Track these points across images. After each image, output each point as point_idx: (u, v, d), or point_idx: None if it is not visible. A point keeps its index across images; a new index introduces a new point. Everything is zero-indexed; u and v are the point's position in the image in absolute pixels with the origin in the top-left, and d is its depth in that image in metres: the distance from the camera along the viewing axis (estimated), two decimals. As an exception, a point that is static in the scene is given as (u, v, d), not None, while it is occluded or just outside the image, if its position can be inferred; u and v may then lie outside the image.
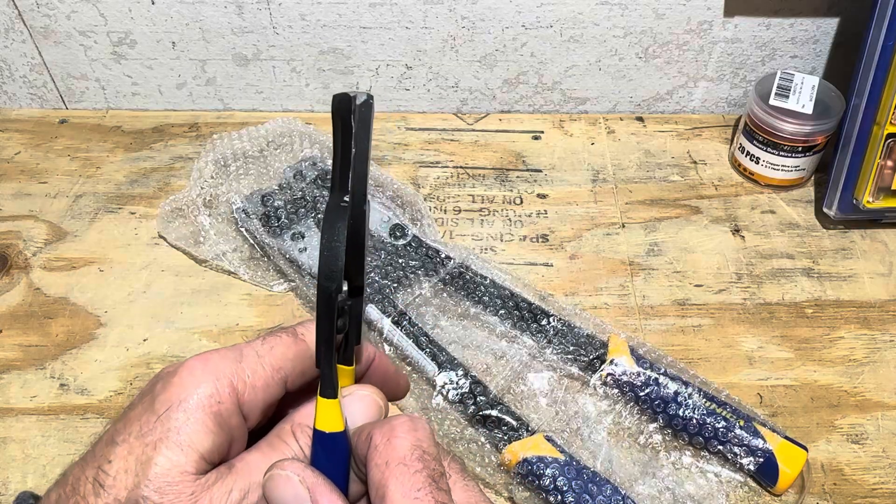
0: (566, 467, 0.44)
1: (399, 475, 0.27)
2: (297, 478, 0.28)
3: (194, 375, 0.29)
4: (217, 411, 0.28)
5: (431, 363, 0.50)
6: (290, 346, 0.31)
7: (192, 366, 0.29)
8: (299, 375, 0.31)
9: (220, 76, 0.70)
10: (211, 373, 0.29)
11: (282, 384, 0.31)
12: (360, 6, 0.65)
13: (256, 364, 0.30)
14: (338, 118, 0.27)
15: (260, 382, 0.30)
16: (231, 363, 0.30)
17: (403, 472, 0.27)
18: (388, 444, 0.28)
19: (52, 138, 0.69)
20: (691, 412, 0.47)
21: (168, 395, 0.28)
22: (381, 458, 0.27)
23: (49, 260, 0.59)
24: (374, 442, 0.28)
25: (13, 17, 0.66)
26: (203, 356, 0.30)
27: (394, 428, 0.28)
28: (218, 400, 0.28)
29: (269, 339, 0.31)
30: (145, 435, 0.28)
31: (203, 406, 0.28)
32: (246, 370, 0.30)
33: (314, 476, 0.28)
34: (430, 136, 0.70)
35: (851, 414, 0.51)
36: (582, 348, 0.51)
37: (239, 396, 0.29)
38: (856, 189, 0.60)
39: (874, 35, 0.56)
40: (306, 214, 0.59)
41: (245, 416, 0.30)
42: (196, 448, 0.28)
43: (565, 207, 0.64)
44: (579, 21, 0.66)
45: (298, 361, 0.31)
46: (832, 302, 0.57)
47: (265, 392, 0.30)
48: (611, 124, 0.72)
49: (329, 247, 0.26)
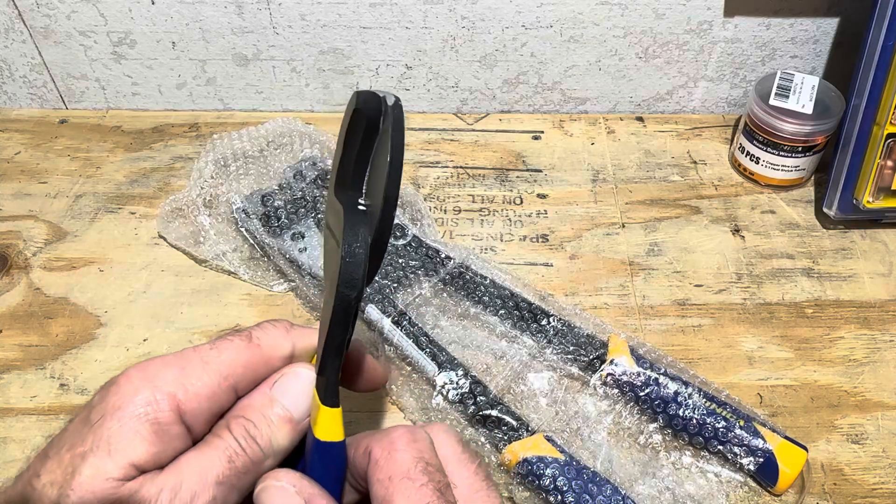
0: (566, 467, 0.44)
1: (404, 490, 0.26)
2: (294, 488, 0.27)
3: (132, 384, 0.28)
4: (154, 420, 0.27)
5: (431, 363, 0.50)
6: (242, 351, 0.30)
7: (130, 374, 0.28)
8: (251, 382, 0.30)
9: (220, 76, 0.70)
10: (149, 381, 0.28)
11: (230, 392, 0.29)
12: (360, 6, 0.65)
13: (202, 371, 0.29)
14: (363, 116, 0.26)
15: (204, 391, 0.29)
16: (173, 371, 0.28)
17: (408, 486, 0.26)
18: (389, 458, 0.27)
19: (52, 138, 0.69)
20: (691, 412, 0.47)
21: (103, 406, 0.28)
22: (383, 474, 0.27)
23: (49, 260, 0.59)
24: (375, 456, 0.27)
25: (13, 17, 0.66)
26: (143, 364, 0.29)
27: (393, 441, 0.28)
28: (155, 409, 0.27)
29: (218, 343, 0.30)
30: (75, 446, 0.27)
31: (138, 415, 0.27)
32: (189, 378, 0.28)
33: (311, 486, 0.27)
34: (430, 136, 0.70)
35: (851, 414, 0.51)
36: (582, 348, 0.51)
37: (180, 405, 0.28)
38: (856, 189, 0.60)
39: (874, 35, 0.56)
40: (306, 214, 0.59)
41: (188, 426, 0.28)
42: (126, 455, 0.27)
43: (565, 207, 0.64)
44: (579, 21, 0.66)
45: (250, 368, 0.30)
46: (832, 302, 0.57)
47: (210, 401, 0.29)
48: (611, 124, 0.72)
49: (352, 252, 0.26)
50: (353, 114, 0.26)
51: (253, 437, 0.29)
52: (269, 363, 0.30)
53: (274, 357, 0.31)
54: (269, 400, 0.29)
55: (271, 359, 0.30)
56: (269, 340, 0.30)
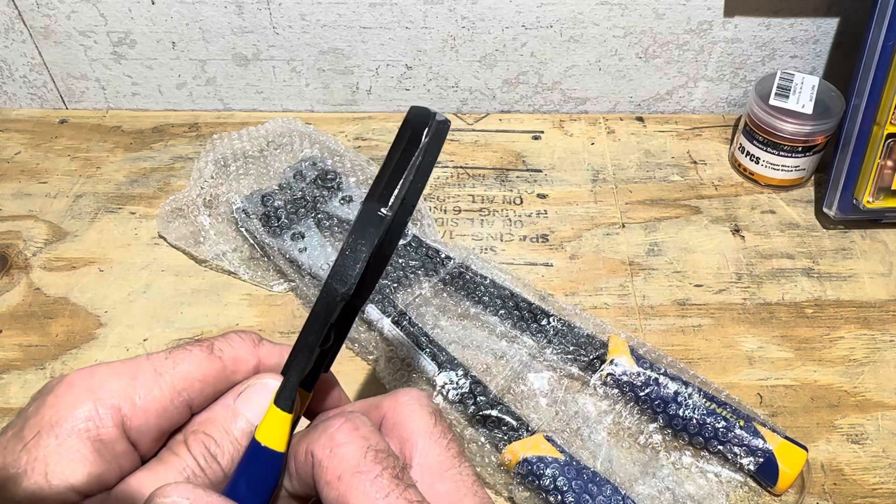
0: (566, 467, 0.44)
1: (358, 486, 0.24)
2: (188, 502, 0.23)
3: (72, 394, 0.25)
4: (96, 437, 0.24)
5: (431, 363, 0.50)
6: (201, 363, 0.27)
7: (71, 382, 0.25)
8: (209, 399, 0.27)
9: (220, 76, 0.70)
10: (92, 392, 0.25)
11: (184, 408, 0.26)
12: (360, 6, 0.65)
13: (153, 384, 0.26)
14: (408, 128, 0.25)
15: (155, 406, 0.26)
16: (121, 381, 0.25)
17: (362, 481, 0.24)
18: (332, 455, 0.24)
19: (52, 138, 0.69)
20: (691, 412, 0.47)
21: (39, 419, 0.24)
22: (331, 474, 0.24)
23: (49, 260, 0.59)
24: (318, 458, 0.25)
25: (13, 17, 0.66)
26: (88, 370, 0.26)
27: (332, 436, 0.25)
28: (97, 424, 0.24)
29: (175, 353, 0.27)
30: (8, 467, 0.24)
31: (78, 431, 0.24)
32: (138, 390, 0.25)
33: (209, 496, 0.24)
34: (430, 136, 0.70)
35: (851, 414, 0.51)
36: (582, 348, 0.51)
37: (125, 420, 0.25)
38: (856, 189, 0.60)
39: (874, 35, 0.56)
40: (306, 214, 0.59)
41: (133, 443, 0.25)
42: (66, 480, 0.24)
43: (565, 207, 0.64)
44: (579, 21, 0.66)
45: (210, 384, 0.27)
46: (832, 302, 0.57)
47: (160, 417, 0.26)
48: (611, 124, 0.72)
49: (353, 248, 0.25)
50: (403, 124, 0.26)
51: (214, 455, 0.26)
52: (231, 379, 0.28)
53: (237, 372, 0.28)
54: (233, 413, 0.27)
55: (233, 374, 0.28)
56: (232, 354, 0.28)
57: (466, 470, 0.27)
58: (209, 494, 0.24)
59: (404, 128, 0.26)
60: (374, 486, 0.24)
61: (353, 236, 0.25)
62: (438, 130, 0.26)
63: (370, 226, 0.25)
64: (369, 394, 0.51)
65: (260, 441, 0.25)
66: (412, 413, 0.28)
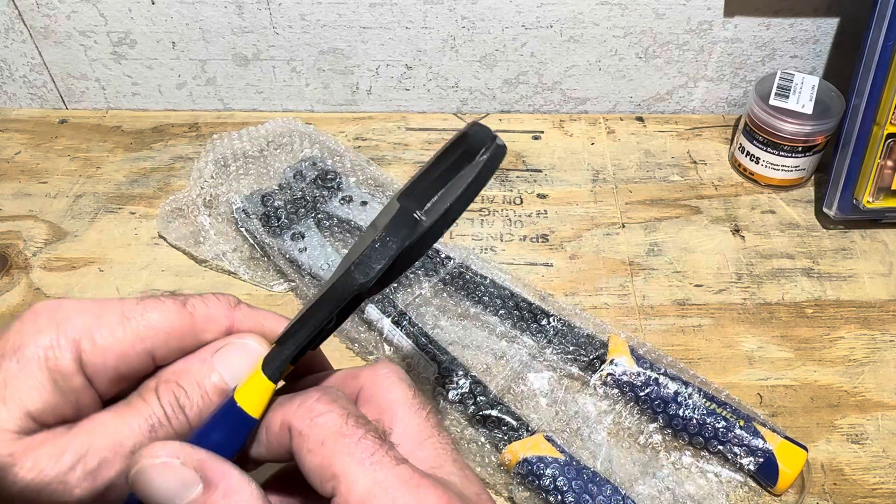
0: (566, 467, 0.44)
1: (344, 448, 0.24)
2: (178, 461, 0.23)
3: (36, 323, 0.25)
4: (54, 367, 0.24)
5: (431, 363, 0.50)
6: (170, 315, 0.26)
7: (37, 311, 0.25)
8: (173, 353, 0.27)
9: (220, 76, 0.70)
10: (56, 323, 0.25)
11: (146, 355, 0.26)
12: (360, 6, 0.65)
13: (117, 326, 0.25)
14: (464, 143, 0.25)
15: (115, 347, 0.25)
16: (86, 317, 0.25)
17: (347, 443, 0.24)
18: (314, 424, 0.24)
19: (52, 138, 0.69)
20: (691, 412, 0.47)
21: (3, 343, 0.25)
22: (312, 442, 0.24)
23: (49, 260, 0.59)
24: (297, 428, 0.25)
25: (13, 17, 0.66)
26: (56, 302, 0.26)
27: (311, 408, 0.25)
28: (55, 355, 0.24)
29: (147, 301, 0.26)
30: None
31: (38, 359, 0.24)
32: (102, 329, 0.25)
33: (196, 451, 0.24)
34: (430, 136, 0.70)
35: (851, 414, 0.51)
36: (582, 348, 0.51)
37: (83, 356, 0.25)
38: (856, 189, 0.60)
39: (874, 35, 0.56)
40: (306, 214, 0.59)
41: (90, 380, 0.25)
42: (22, 404, 0.24)
43: (565, 207, 0.64)
44: (579, 21, 0.66)
45: (175, 337, 0.26)
46: (832, 302, 0.57)
47: (119, 359, 0.25)
48: (611, 124, 0.72)
49: (384, 242, 0.24)
50: (459, 136, 0.26)
51: (182, 406, 0.25)
52: (199, 337, 0.27)
53: (206, 331, 0.27)
54: (208, 368, 0.26)
55: (203, 332, 0.27)
56: (205, 312, 0.27)
57: (446, 439, 0.27)
58: (197, 451, 0.23)
59: (459, 141, 0.26)
60: (360, 447, 0.24)
61: (386, 232, 0.25)
62: (495, 154, 0.25)
63: (405, 227, 0.25)
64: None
65: (238, 403, 0.25)
66: (391, 385, 0.28)
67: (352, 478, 0.23)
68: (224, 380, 0.26)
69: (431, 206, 0.25)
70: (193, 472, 0.23)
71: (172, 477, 0.23)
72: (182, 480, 0.23)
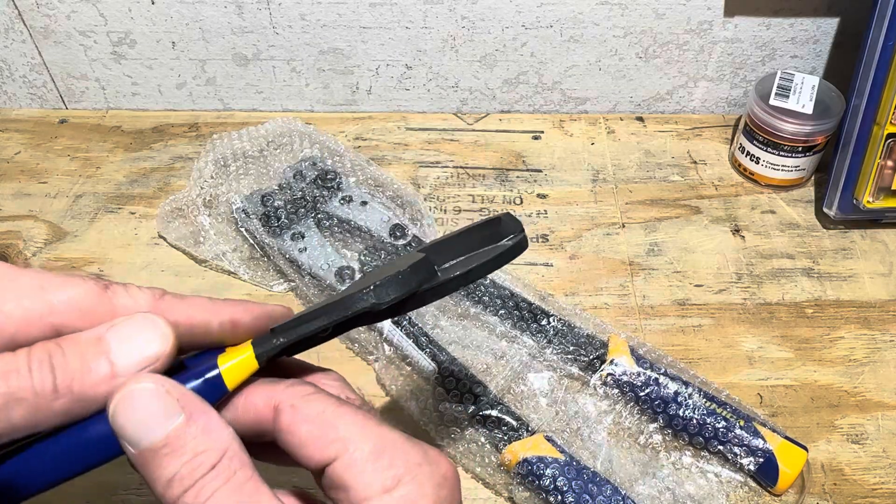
0: (566, 467, 0.44)
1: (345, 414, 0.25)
2: (164, 388, 0.23)
3: None
4: None
5: (431, 363, 0.50)
6: (88, 295, 0.25)
7: None
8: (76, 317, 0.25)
9: (220, 76, 0.70)
10: None
11: (51, 329, 0.25)
12: (360, 6, 0.65)
13: (28, 294, 0.24)
14: (496, 226, 0.28)
15: (17, 314, 0.24)
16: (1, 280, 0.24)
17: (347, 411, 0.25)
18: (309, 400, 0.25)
19: (52, 138, 0.69)
20: (691, 412, 0.47)
21: None
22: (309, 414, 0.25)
23: (49, 260, 0.59)
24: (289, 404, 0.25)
25: (13, 17, 0.66)
26: None
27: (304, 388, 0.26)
28: None
29: (68, 278, 0.25)
30: None
31: None
32: (10, 293, 0.24)
33: (181, 387, 0.23)
34: (430, 136, 0.70)
35: (851, 414, 0.51)
36: (582, 348, 0.51)
37: None
38: (856, 189, 0.60)
39: (874, 35, 0.56)
40: (306, 214, 0.59)
41: None
42: None
43: (565, 207, 0.64)
44: (579, 21, 0.66)
45: (88, 317, 0.25)
46: (832, 302, 0.57)
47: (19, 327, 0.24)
48: (611, 124, 0.72)
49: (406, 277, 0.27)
50: (493, 219, 0.29)
51: (53, 366, 0.23)
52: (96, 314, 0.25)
53: None
54: (97, 339, 0.24)
55: None
56: (125, 301, 0.26)
57: None
58: (181, 386, 0.24)
59: (492, 222, 0.29)
60: (360, 414, 0.25)
61: (409, 270, 0.27)
62: (518, 243, 0.28)
63: (425, 272, 0.27)
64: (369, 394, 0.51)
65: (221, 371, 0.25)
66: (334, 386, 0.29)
67: (358, 438, 0.24)
68: (113, 353, 0.24)
69: (449, 267, 0.28)
70: (177, 403, 0.23)
71: (158, 404, 0.23)
72: (166, 408, 0.23)
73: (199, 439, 0.23)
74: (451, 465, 0.26)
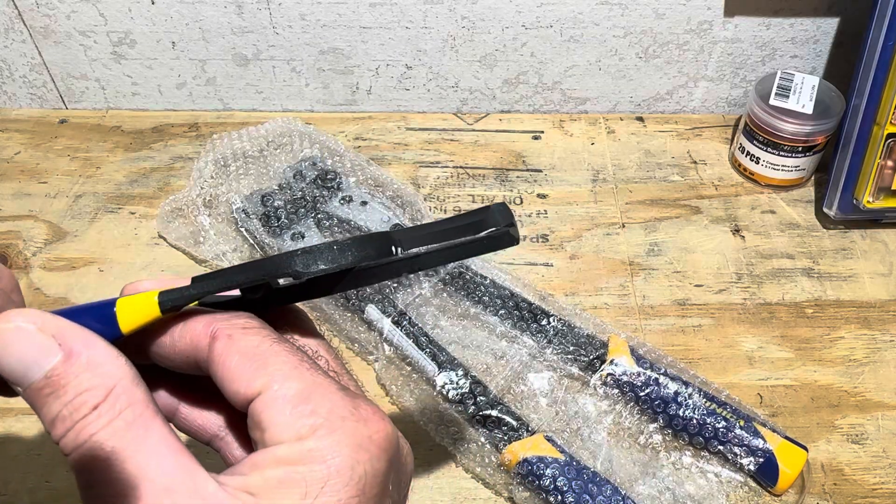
0: (566, 467, 0.44)
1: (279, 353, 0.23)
2: (34, 326, 0.21)
3: None
4: None
5: (431, 363, 0.50)
6: None
7: None
8: None
9: (220, 76, 0.70)
10: None
11: None
12: (360, 6, 0.65)
13: None
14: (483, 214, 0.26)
15: None
16: None
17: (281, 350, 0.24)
18: (246, 332, 0.24)
19: (52, 138, 0.69)
20: (691, 412, 0.47)
21: None
22: (243, 346, 0.23)
23: (49, 260, 0.59)
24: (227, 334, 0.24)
25: (13, 17, 0.66)
26: None
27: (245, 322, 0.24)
28: None
29: None
30: None
31: None
32: None
33: (56, 319, 0.22)
34: (430, 136, 0.70)
35: (851, 414, 0.51)
36: (582, 348, 0.51)
37: None
38: (856, 189, 0.60)
39: (874, 35, 0.56)
40: (306, 214, 0.59)
41: None
42: None
43: (565, 207, 0.64)
44: (579, 21, 0.66)
45: None
46: (832, 302, 0.57)
47: None
48: (611, 124, 0.72)
49: (342, 250, 0.24)
50: (482, 208, 0.26)
51: None
52: None
53: None
54: None
55: None
56: None
57: None
58: (57, 319, 0.22)
59: (480, 211, 0.26)
60: (296, 355, 0.23)
61: (352, 242, 0.24)
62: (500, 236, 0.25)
63: (372, 248, 0.24)
64: (369, 394, 0.51)
65: (116, 310, 0.24)
66: None
67: (286, 377, 0.23)
68: None
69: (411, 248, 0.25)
70: (52, 340, 0.21)
71: (28, 343, 0.21)
72: (39, 347, 0.21)
73: (81, 377, 0.21)
74: (386, 429, 0.23)
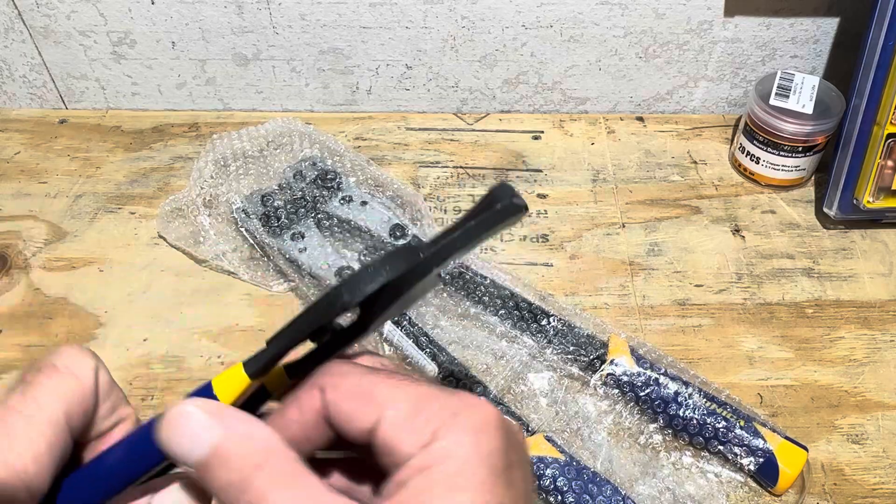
0: (566, 467, 0.44)
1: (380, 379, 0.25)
2: (198, 408, 0.24)
3: None
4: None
5: (431, 363, 0.50)
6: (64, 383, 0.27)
7: None
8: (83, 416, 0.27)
9: (220, 76, 0.70)
10: None
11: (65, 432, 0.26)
12: (360, 6, 0.65)
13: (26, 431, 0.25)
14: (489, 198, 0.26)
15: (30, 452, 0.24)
16: None
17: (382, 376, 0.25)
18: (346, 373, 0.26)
19: (52, 138, 0.69)
20: (691, 412, 0.47)
21: None
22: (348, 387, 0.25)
23: (49, 260, 0.59)
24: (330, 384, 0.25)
25: (13, 17, 0.66)
26: None
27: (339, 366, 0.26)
28: None
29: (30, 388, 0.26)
30: None
31: None
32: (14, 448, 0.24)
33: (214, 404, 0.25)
34: (430, 136, 0.70)
35: (851, 414, 0.51)
36: (582, 348, 0.51)
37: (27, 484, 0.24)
38: (856, 189, 0.60)
39: (874, 35, 0.56)
40: (306, 214, 0.59)
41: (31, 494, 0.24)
42: None
43: (565, 207, 0.64)
44: (579, 21, 0.66)
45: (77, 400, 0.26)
46: (832, 302, 0.57)
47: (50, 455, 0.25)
48: (611, 124, 0.72)
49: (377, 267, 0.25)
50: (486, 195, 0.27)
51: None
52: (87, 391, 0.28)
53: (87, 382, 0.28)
54: None
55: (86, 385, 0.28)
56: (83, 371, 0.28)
57: None
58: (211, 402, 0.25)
59: (485, 198, 0.26)
60: (395, 377, 0.25)
61: (383, 258, 0.25)
62: (508, 207, 0.26)
63: (402, 259, 0.25)
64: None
65: (214, 390, 0.26)
66: None
67: (393, 400, 0.25)
68: None
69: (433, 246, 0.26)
70: (212, 419, 0.24)
71: (194, 423, 0.24)
72: (204, 425, 0.24)
73: (241, 446, 0.24)
74: (492, 409, 0.25)
